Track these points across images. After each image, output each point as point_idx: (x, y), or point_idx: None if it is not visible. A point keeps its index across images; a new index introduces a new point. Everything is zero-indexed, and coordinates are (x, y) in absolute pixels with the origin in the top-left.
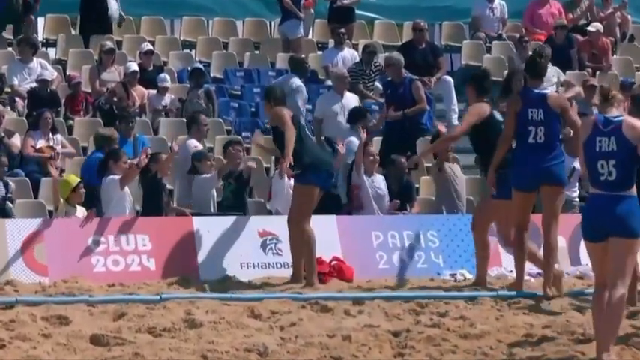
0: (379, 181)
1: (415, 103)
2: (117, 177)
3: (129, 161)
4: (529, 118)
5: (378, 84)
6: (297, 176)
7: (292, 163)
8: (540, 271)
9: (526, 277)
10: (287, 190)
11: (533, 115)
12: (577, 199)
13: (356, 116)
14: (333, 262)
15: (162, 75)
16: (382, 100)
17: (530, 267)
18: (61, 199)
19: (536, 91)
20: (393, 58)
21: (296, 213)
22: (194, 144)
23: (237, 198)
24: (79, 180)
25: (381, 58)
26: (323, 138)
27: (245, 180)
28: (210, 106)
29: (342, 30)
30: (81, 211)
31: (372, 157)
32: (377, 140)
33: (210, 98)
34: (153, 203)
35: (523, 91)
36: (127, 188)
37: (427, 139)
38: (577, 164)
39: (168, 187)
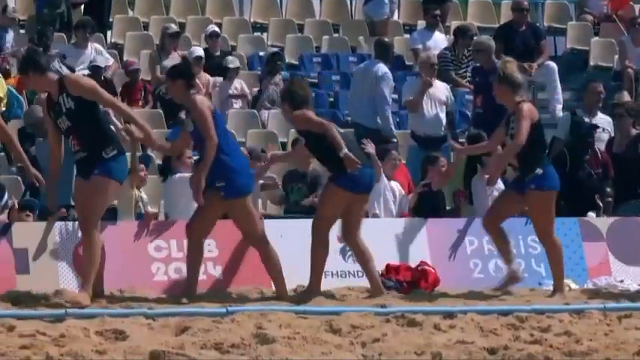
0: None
1: None
2: (186, 174)
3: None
4: None
5: None
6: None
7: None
8: None
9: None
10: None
11: None
12: None
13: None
14: (420, 267)
15: (229, 57)
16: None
17: None
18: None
19: None
20: (482, 44)
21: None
22: None
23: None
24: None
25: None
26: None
27: (313, 182)
28: None
29: (438, 12)
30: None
31: None
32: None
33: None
34: None
35: None
36: None
37: None
38: None
39: None
